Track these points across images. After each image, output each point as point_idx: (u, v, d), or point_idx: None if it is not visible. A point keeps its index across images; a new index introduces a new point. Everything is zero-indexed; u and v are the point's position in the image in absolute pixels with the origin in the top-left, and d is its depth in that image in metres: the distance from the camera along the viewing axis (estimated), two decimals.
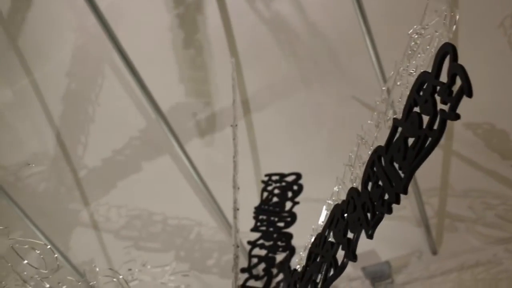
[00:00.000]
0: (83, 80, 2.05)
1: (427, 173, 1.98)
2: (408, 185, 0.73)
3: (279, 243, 1.48)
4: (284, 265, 1.43)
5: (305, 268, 0.95)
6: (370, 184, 0.82)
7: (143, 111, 2.02)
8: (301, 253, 1.03)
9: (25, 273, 1.08)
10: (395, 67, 0.86)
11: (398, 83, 0.85)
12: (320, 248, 0.91)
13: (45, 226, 1.93)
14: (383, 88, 0.89)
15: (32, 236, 1.85)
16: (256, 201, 1.60)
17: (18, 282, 1.16)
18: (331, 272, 0.85)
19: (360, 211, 0.81)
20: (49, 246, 0.87)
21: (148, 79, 1.94)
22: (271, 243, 1.47)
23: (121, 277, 0.97)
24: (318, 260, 0.91)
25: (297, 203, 1.57)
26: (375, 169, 0.81)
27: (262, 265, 1.42)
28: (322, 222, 0.99)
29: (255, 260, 1.43)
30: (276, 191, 1.62)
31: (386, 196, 0.76)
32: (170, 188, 2.14)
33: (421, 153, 0.71)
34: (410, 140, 0.76)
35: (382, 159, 0.80)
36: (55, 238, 1.91)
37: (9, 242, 0.87)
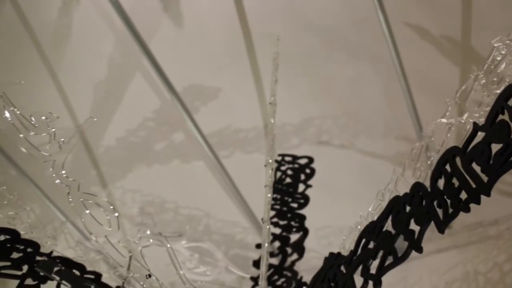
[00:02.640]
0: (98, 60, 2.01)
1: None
2: (491, 188, 0.77)
3: (292, 223, 1.51)
4: (299, 246, 1.47)
5: (353, 253, 0.99)
6: (439, 181, 0.87)
7: (158, 91, 1.99)
8: (343, 237, 1.06)
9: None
10: (474, 73, 0.90)
11: (476, 90, 0.88)
12: (375, 235, 0.95)
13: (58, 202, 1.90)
14: (457, 92, 0.93)
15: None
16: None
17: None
18: (389, 260, 0.89)
19: (430, 206, 0.85)
20: (112, 207, 0.86)
21: (162, 59, 1.91)
22: (285, 222, 1.50)
23: (169, 246, 0.98)
24: (371, 247, 0.95)
25: (310, 186, 1.61)
26: (447, 167, 0.85)
27: (277, 243, 1.46)
28: (373, 210, 1.02)
29: (270, 237, 1.46)
30: (289, 172, 1.65)
31: (462, 195, 0.80)
32: (184, 173, 2.12)
33: (510, 160, 0.75)
34: None
35: (458, 159, 0.84)
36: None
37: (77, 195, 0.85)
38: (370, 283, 0.94)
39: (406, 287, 1.78)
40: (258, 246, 1.47)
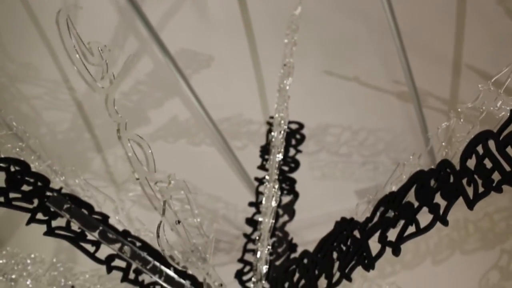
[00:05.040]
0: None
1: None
2: None
3: (283, 185, 1.54)
4: (290, 208, 1.50)
5: (369, 220, 1.03)
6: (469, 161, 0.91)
7: (151, 53, 1.92)
8: (357, 203, 1.10)
9: None
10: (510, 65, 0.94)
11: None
12: (395, 205, 0.99)
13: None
14: (492, 79, 0.97)
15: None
16: (262, 141, 1.63)
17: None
18: (410, 231, 0.93)
19: (459, 183, 0.89)
20: (150, 150, 0.86)
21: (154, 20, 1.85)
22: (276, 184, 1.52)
23: (190, 194, 0.98)
24: (391, 216, 0.99)
25: (300, 151, 1.63)
26: (478, 149, 0.90)
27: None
28: (391, 182, 1.06)
29: (262, 197, 1.48)
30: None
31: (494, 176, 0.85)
32: (177, 144, 2.07)
33: None
34: None
35: (491, 142, 0.88)
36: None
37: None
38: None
39: (395, 231, 1.87)
40: (251, 204, 1.49)
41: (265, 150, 1.61)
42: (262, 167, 1.56)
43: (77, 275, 1.38)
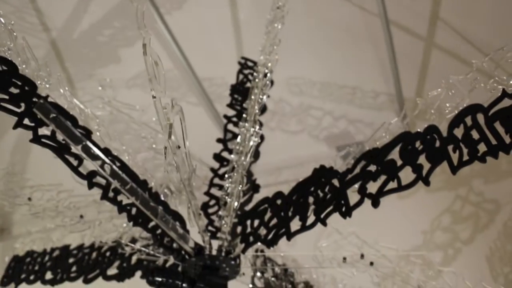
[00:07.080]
0: None
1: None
2: None
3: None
4: (255, 150, 1.52)
5: (350, 171, 1.08)
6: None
7: None
8: (342, 153, 1.15)
9: None
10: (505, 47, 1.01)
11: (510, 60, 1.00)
12: (378, 161, 1.04)
13: None
14: (487, 57, 1.03)
15: None
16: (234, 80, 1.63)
17: None
18: (391, 186, 1.00)
19: (445, 149, 0.96)
20: (164, 72, 0.85)
21: None
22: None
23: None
24: (372, 170, 1.05)
25: (268, 96, 1.64)
26: (467, 120, 0.96)
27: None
28: (375, 138, 1.11)
29: (230, 135, 1.49)
30: (250, 77, 1.66)
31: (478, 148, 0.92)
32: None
33: None
34: None
35: (480, 116, 0.95)
36: None
37: None
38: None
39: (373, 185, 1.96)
40: (219, 140, 1.50)
41: (235, 90, 1.62)
42: (231, 105, 1.56)
43: (34, 187, 1.34)
